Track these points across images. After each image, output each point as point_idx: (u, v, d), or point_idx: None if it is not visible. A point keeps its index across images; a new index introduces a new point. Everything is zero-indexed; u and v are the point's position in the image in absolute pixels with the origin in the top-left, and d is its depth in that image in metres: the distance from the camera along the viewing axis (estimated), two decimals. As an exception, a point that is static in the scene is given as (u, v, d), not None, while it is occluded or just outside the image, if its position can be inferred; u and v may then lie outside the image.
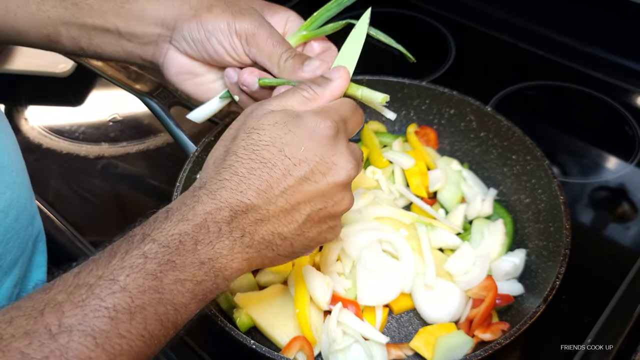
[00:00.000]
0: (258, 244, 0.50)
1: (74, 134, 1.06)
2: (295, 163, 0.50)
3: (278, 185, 0.50)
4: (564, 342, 0.74)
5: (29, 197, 0.69)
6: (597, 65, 1.17)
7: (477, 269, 0.77)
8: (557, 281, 0.69)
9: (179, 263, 0.45)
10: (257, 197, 0.49)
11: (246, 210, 0.48)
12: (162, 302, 0.44)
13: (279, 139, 0.50)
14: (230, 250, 0.48)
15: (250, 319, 0.73)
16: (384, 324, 0.76)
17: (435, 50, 1.24)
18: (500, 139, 0.90)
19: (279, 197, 0.50)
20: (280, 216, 0.50)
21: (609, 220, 0.92)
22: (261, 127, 0.51)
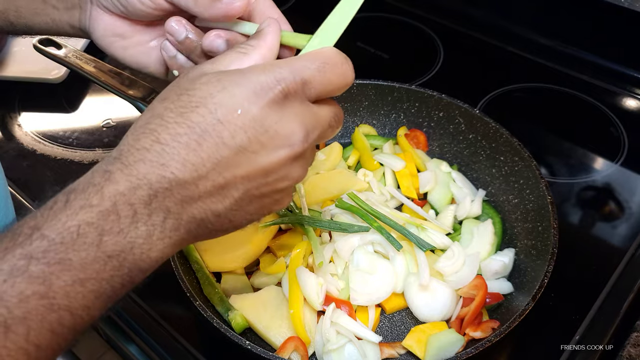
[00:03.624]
0: (187, 224, 0.42)
1: (67, 140, 1.07)
2: (229, 129, 0.41)
3: (209, 156, 0.41)
4: (553, 339, 0.75)
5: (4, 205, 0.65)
6: (583, 68, 1.19)
7: (467, 268, 0.78)
8: (545, 279, 0.71)
9: (77, 260, 0.38)
10: (183, 171, 0.40)
11: (170, 187, 0.40)
12: (53, 309, 0.37)
13: (211, 98, 0.41)
14: (147, 238, 0.40)
15: (245, 320, 0.74)
16: (376, 324, 0.77)
17: (424, 54, 1.26)
18: (488, 141, 0.92)
19: (211, 170, 0.41)
20: (212, 192, 0.42)
21: (596, 219, 0.93)
22: (192, 87, 0.43)
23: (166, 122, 0.41)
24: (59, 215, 0.38)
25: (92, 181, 0.40)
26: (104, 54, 1.13)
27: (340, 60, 0.47)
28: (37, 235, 0.37)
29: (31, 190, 0.97)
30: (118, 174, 0.40)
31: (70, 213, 0.38)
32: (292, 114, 0.44)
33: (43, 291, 0.37)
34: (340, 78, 0.46)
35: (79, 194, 0.39)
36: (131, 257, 0.40)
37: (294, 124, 0.43)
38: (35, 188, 0.98)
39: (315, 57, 0.45)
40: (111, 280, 0.39)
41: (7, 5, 0.63)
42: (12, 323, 0.36)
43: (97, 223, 0.38)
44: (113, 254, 0.39)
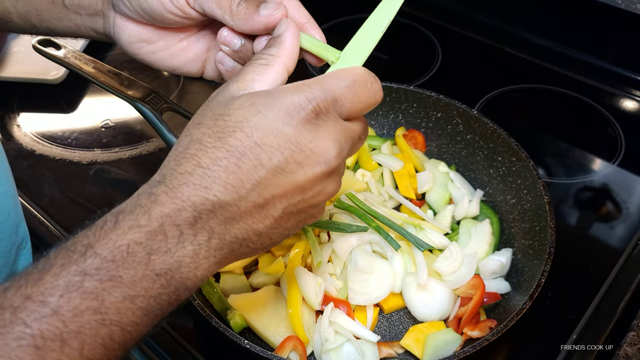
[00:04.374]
0: (230, 244, 0.44)
1: (66, 140, 1.07)
2: (266, 151, 0.43)
3: (248, 178, 0.42)
4: (550, 338, 0.76)
5: (14, 205, 0.67)
6: (580, 69, 1.19)
7: (465, 268, 0.79)
8: (542, 279, 0.71)
9: (127, 278, 0.39)
10: (225, 193, 0.42)
11: (213, 208, 0.42)
12: (105, 324, 0.39)
13: (247, 122, 0.43)
14: (194, 257, 0.42)
15: (244, 319, 0.74)
16: (374, 323, 0.77)
17: (422, 55, 1.26)
18: (486, 141, 0.92)
19: (251, 191, 0.43)
20: (253, 212, 0.43)
21: (593, 219, 0.94)
22: (227, 112, 0.44)
23: (205, 147, 0.43)
24: (109, 234, 0.40)
25: (139, 203, 0.42)
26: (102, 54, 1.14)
27: (369, 79, 0.48)
28: (90, 253, 0.39)
29: (31, 191, 0.97)
30: (163, 197, 0.42)
31: (120, 233, 0.40)
32: (326, 132, 0.45)
33: (96, 306, 0.38)
34: (369, 96, 0.48)
35: (127, 215, 0.41)
36: (178, 275, 0.42)
37: (328, 141, 0.44)
38: (34, 188, 0.98)
39: (344, 76, 0.47)
40: (159, 298, 0.41)
41: (29, 9, 0.63)
42: (67, 337, 0.37)
43: (145, 242, 0.40)
44: (161, 272, 0.41)
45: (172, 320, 0.78)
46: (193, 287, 0.43)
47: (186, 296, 0.43)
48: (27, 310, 0.37)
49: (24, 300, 0.37)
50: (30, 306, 0.37)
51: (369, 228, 0.80)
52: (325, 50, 0.52)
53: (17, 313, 0.37)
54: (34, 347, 0.36)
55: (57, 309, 0.37)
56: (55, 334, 0.37)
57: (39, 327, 0.36)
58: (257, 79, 0.47)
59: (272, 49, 0.49)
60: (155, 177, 0.44)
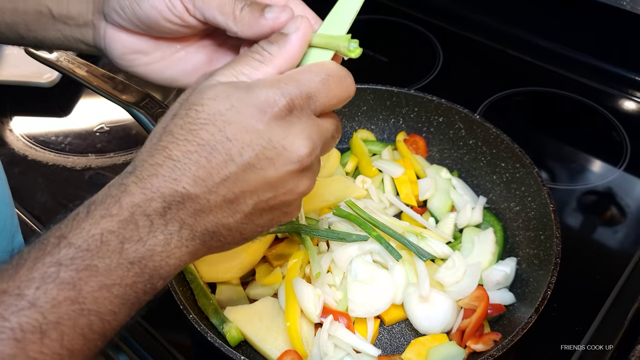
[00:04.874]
0: (202, 235, 0.44)
1: (60, 145, 1.05)
2: (237, 146, 0.42)
3: (218, 173, 0.42)
4: (555, 350, 0.74)
5: (10, 214, 0.66)
6: (584, 71, 1.17)
7: (468, 278, 0.77)
8: (548, 291, 0.69)
9: (102, 267, 0.39)
10: (194, 186, 0.42)
11: (182, 200, 0.42)
12: (83, 314, 0.39)
13: (220, 115, 0.42)
14: (165, 246, 0.42)
15: (240, 332, 0.72)
16: (375, 336, 0.75)
17: (423, 57, 1.24)
18: (489, 147, 0.90)
19: (220, 185, 0.43)
20: (223, 206, 0.44)
21: (599, 226, 0.92)
22: (200, 102, 0.43)
23: (177, 139, 0.43)
24: (82, 224, 0.40)
25: (109, 193, 0.42)
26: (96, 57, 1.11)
27: (343, 73, 0.47)
28: (64, 244, 0.39)
29: (23, 198, 0.94)
30: (133, 187, 0.42)
31: (93, 222, 0.40)
32: (298, 129, 0.44)
33: (73, 296, 0.38)
34: (343, 91, 0.47)
35: (99, 205, 0.41)
36: (151, 263, 0.42)
37: (300, 138, 0.44)
38: (26, 195, 0.96)
39: (319, 70, 0.46)
40: (134, 286, 0.41)
41: (17, 19, 0.60)
42: (47, 328, 0.37)
43: (117, 231, 0.40)
44: (134, 261, 0.41)
45: (169, 335, 0.76)
46: (167, 275, 0.44)
47: (161, 285, 0.44)
48: (4, 304, 0.37)
49: (0, 295, 0.37)
50: (7, 300, 0.37)
51: (369, 237, 0.78)
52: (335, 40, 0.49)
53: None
54: (13, 340, 0.36)
55: (34, 301, 0.37)
56: (34, 326, 0.37)
57: (17, 320, 0.36)
58: (246, 74, 0.46)
59: (274, 47, 0.47)
60: (127, 167, 0.44)
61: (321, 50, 0.50)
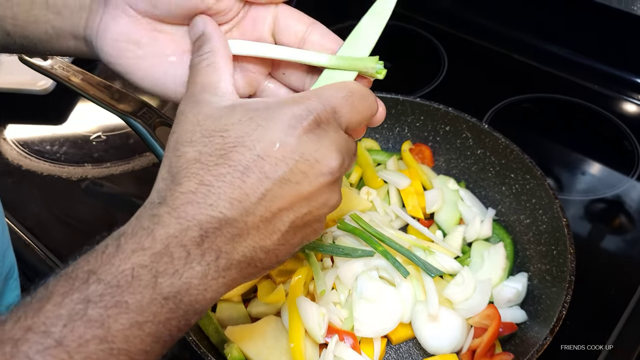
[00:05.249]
0: (238, 263, 0.42)
1: (55, 155, 1.02)
2: (270, 163, 0.42)
3: (254, 192, 0.41)
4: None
5: (0, 230, 0.64)
6: (594, 77, 1.15)
7: (479, 295, 0.74)
8: (563, 311, 0.67)
9: (133, 303, 0.38)
10: (231, 209, 0.41)
11: (219, 226, 0.41)
12: (113, 354, 0.37)
13: (248, 136, 0.42)
14: (202, 278, 0.40)
15: (242, 353, 0.69)
16: (382, 356, 0.72)
17: (428, 63, 1.21)
18: (497, 157, 0.87)
19: (257, 205, 0.41)
20: (260, 227, 0.42)
21: (612, 238, 0.89)
22: (224, 129, 0.43)
23: (206, 165, 0.42)
24: (112, 259, 0.39)
25: (140, 225, 0.40)
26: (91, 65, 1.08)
27: (365, 91, 0.48)
28: (93, 279, 0.38)
29: (16, 210, 0.91)
30: (167, 217, 0.40)
31: (124, 257, 0.39)
32: (328, 141, 0.44)
33: (102, 335, 0.37)
34: (366, 109, 0.48)
35: (130, 238, 0.40)
36: (187, 298, 0.40)
37: (331, 151, 0.44)
38: (20, 207, 0.92)
39: (341, 88, 0.46)
40: (168, 323, 0.39)
41: (4, 12, 0.57)
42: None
43: (150, 265, 0.39)
44: (169, 296, 0.39)
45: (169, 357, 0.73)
46: (202, 310, 0.42)
47: (195, 320, 0.42)
48: (29, 342, 0.35)
49: (24, 332, 0.36)
50: (32, 338, 0.35)
51: (375, 252, 0.75)
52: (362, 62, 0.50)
53: (19, 346, 0.35)
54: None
55: (61, 339, 0.36)
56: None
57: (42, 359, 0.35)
58: (218, 79, 0.46)
59: (204, 47, 0.48)
60: (152, 198, 0.42)
61: (343, 72, 0.50)
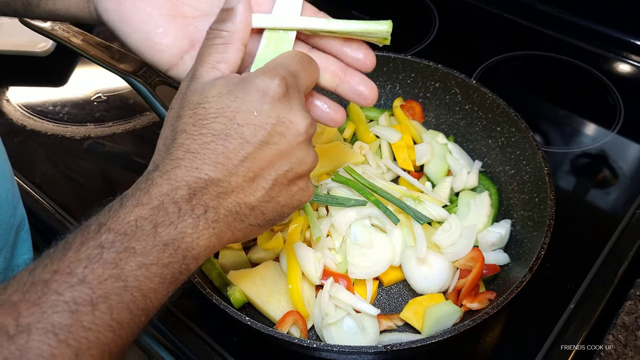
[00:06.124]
0: (225, 217, 0.48)
1: (58, 115, 1.05)
2: (250, 129, 0.47)
3: (236, 155, 0.47)
4: (548, 308, 0.76)
5: (11, 187, 0.68)
6: (580, 34, 1.17)
7: (464, 240, 0.79)
8: (542, 251, 0.71)
9: (140, 248, 0.43)
10: (215, 170, 0.47)
11: (205, 185, 0.46)
12: (127, 290, 0.42)
13: (227, 107, 0.48)
14: (194, 228, 0.46)
15: (244, 295, 0.74)
16: (374, 297, 0.78)
17: (419, 22, 1.24)
18: (484, 112, 0.91)
19: (239, 166, 0.47)
20: (244, 186, 0.48)
21: (591, 187, 0.94)
22: (206, 100, 0.48)
23: (191, 135, 0.47)
24: (118, 213, 0.45)
25: (138, 187, 0.46)
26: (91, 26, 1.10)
27: (308, 56, 0.54)
28: (104, 229, 0.44)
29: (23, 168, 0.95)
30: (159, 180, 0.46)
31: (127, 211, 0.45)
32: (297, 104, 0.50)
33: (117, 274, 0.42)
34: (315, 70, 0.54)
35: (130, 198, 0.46)
36: (183, 245, 0.45)
37: (301, 111, 0.50)
38: (27, 165, 0.96)
39: (291, 55, 0.53)
40: (170, 266, 0.45)
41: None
42: (97, 302, 0.41)
43: (150, 217, 0.44)
44: (168, 242, 0.45)
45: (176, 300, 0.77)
46: (198, 256, 0.47)
47: (195, 266, 0.47)
48: (57, 282, 0.40)
49: (52, 275, 0.41)
50: (59, 278, 0.41)
51: (367, 202, 0.80)
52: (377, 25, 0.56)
53: (49, 285, 0.40)
54: (69, 312, 0.40)
55: (83, 277, 0.41)
56: (85, 299, 0.40)
57: (70, 294, 0.40)
58: (220, 60, 0.51)
59: (227, 24, 0.52)
60: (149, 167, 0.49)
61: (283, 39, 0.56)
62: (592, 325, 0.75)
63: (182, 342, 0.75)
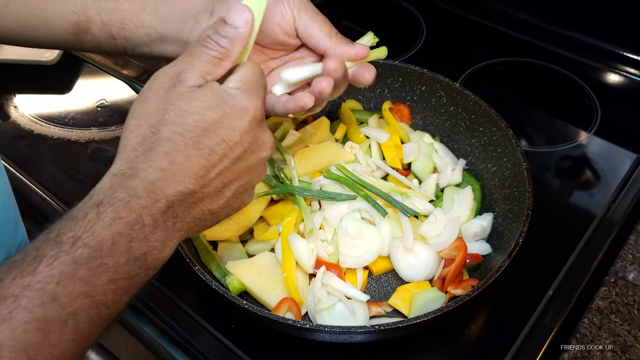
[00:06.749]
0: (188, 224, 0.50)
1: (63, 120, 1.10)
2: (231, 146, 0.51)
3: (214, 168, 0.50)
4: (528, 294, 0.81)
5: (12, 206, 0.68)
6: (558, 42, 1.24)
7: (449, 231, 0.83)
8: (520, 239, 0.76)
9: (112, 264, 0.44)
10: (194, 183, 0.49)
11: (183, 198, 0.48)
12: (95, 304, 0.43)
13: (216, 124, 0.50)
14: (163, 241, 0.48)
15: (241, 283, 0.79)
16: (364, 285, 0.82)
17: (407, 31, 1.30)
18: (468, 113, 0.96)
19: (214, 179, 0.50)
20: (212, 195, 0.51)
21: (570, 185, 0.99)
22: (195, 111, 0.49)
23: (177, 145, 0.48)
24: (94, 227, 0.44)
25: (115, 195, 0.46)
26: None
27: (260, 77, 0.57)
28: (79, 244, 0.43)
29: (31, 169, 1.00)
30: (141, 190, 0.46)
31: (104, 225, 0.44)
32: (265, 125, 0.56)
33: (87, 290, 0.43)
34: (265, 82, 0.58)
35: (107, 207, 0.45)
36: (150, 257, 0.47)
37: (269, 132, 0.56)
38: (34, 166, 1.01)
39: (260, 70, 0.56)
40: (135, 278, 0.47)
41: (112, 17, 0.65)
42: (66, 319, 0.42)
43: (126, 232, 0.45)
44: (139, 256, 0.46)
45: (174, 288, 0.82)
46: (159, 265, 0.49)
47: (153, 274, 0.49)
48: (28, 298, 0.40)
49: (22, 290, 0.41)
50: (30, 295, 0.40)
51: (357, 196, 0.84)
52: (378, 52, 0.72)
53: (19, 301, 0.40)
54: (38, 330, 0.40)
55: (55, 295, 0.41)
56: (55, 317, 0.41)
57: (41, 312, 0.40)
58: (211, 72, 0.53)
59: (228, 42, 0.54)
60: (121, 167, 0.48)
61: None
62: (569, 310, 0.79)
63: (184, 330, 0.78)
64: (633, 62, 1.19)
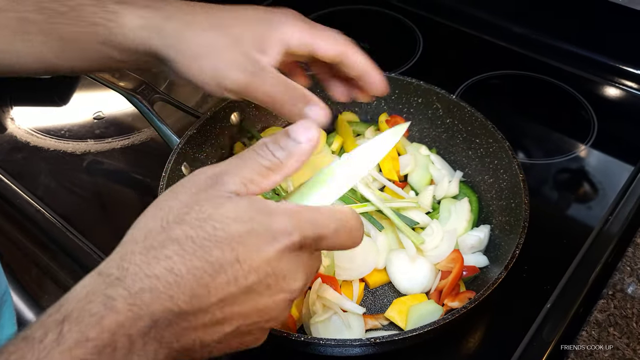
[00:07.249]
0: (176, 352, 0.41)
1: (60, 132, 1.10)
2: (244, 269, 0.41)
3: (217, 292, 0.41)
4: (526, 307, 0.80)
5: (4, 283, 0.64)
6: (555, 55, 1.24)
7: (445, 243, 0.83)
8: (517, 250, 0.75)
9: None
10: (189, 303, 0.40)
11: (172, 318, 0.39)
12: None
13: (238, 238, 0.41)
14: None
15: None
16: (360, 297, 0.82)
17: (404, 44, 1.30)
18: (464, 125, 0.96)
19: (215, 305, 0.41)
20: (207, 325, 0.41)
21: (568, 197, 0.99)
22: (220, 219, 0.42)
23: (185, 251, 0.40)
24: (51, 354, 0.36)
25: (88, 309, 0.38)
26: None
27: (357, 226, 0.48)
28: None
29: (26, 181, 1.00)
30: (121, 303, 0.38)
31: (64, 349, 0.36)
32: (302, 264, 0.45)
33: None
34: (350, 242, 0.48)
35: (74, 325, 0.37)
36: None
37: (300, 272, 0.45)
38: (30, 178, 1.01)
39: (335, 217, 0.46)
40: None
41: None
42: None
43: (91, 358, 0.36)
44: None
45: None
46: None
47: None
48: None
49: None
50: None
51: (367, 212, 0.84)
52: None
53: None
54: None
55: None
56: None
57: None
58: (256, 182, 0.46)
59: (284, 153, 0.47)
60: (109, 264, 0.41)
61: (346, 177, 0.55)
62: (567, 323, 0.79)
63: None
64: (629, 75, 1.19)
